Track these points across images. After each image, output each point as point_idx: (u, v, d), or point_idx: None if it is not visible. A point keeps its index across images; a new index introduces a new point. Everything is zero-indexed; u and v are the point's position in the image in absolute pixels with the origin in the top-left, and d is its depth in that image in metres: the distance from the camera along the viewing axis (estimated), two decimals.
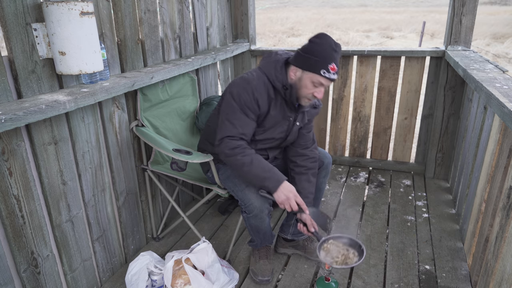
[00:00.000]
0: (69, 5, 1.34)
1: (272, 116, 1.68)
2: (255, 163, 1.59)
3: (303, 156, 1.82)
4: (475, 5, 2.45)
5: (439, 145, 2.79)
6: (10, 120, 1.17)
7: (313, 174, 1.81)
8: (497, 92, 1.41)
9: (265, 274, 1.82)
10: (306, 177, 1.79)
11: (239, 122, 1.61)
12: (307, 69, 1.56)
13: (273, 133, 1.74)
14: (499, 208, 1.50)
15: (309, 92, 1.59)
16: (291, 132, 1.77)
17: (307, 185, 1.78)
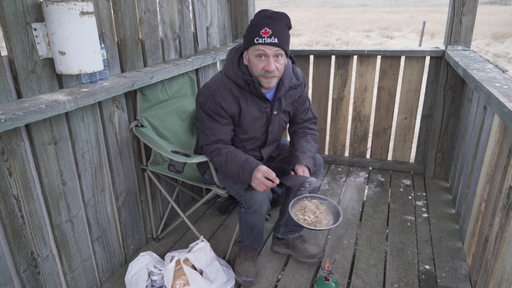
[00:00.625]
0: (69, 5, 1.34)
1: (247, 113, 1.66)
2: (229, 160, 1.61)
3: (302, 128, 1.86)
4: (475, 5, 2.45)
5: (439, 145, 2.79)
6: (10, 120, 1.17)
7: (312, 137, 1.82)
8: (497, 92, 1.41)
9: (249, 275, 1.82)
10: (305, 138, 1.80)
11: (210, 131, 1.65)
12: (246, 45, 1.55)
13: (254, 130, 1.72)
14: (499, 208, 1.50)
15: (260, 68, 1.54)
16: (271, 123, 1.73)
17: (305, 144, 1.77)
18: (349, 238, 2.18)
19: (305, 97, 1.86)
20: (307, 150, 1.74)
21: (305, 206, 1.64)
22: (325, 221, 1.57)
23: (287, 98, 1.73)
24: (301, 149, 1.73)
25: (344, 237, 2.18)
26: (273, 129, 1.77)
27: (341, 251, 2.06)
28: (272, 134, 1.79)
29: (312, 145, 1.79)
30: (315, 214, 1.59)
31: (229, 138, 1.70)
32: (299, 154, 1.70)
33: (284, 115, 1.78)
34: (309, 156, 1.72)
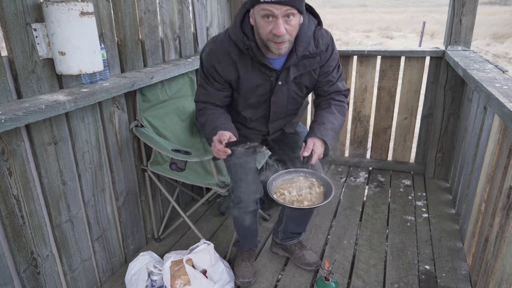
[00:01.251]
0: (69, 5, 1.34)
1: (247, 81, 1.47)
2: (208, 121, 1.48)
3: (327, 99, 1.58)
4: (475, 5, 2.45)
5: (439, 145, 2.79)
6: (10, 120, 1.17)
7: (338, 108, 1.53)
8: (497, 92, 1.41)
9: (246, 276, 1.81)
10: (328, 109, 1.53)
11: (203, 90, 1.54)
12: (252, 4, 1.32)
13: (255, 97, 1.53)
14: (499, 208, 1.50)
15: (267, 32, 1.29)
16: (274, 93, 1.51)
17: (326, 114, 1.50)
18: (349, 238, 2.18)
19: (331, 67, 1.53)
20: (327, 121, 1.46)
21: (296, 181, 1.43)
22: (308, 202, 1.34)
23: (300, 68, 1.47)
24: (320, 119, 1.48)
25: (344, 237, 2.18)
26: (278, 101, 1.54)
27: (341, 251, 2.06)
28: (276, 105, 1.56)
29: (335, 116, 1.50)
30: (300, 192, 1.37)
31: (221, 103, 1.55)
32: (315, 126, 1.46)
33: (295, 87, 1.53)
34: (328, 128, 1.44)
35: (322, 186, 1.41)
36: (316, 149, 1.39)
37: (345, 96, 1.61)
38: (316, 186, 1.41)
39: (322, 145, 1.41)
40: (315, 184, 1.41)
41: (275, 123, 1.65)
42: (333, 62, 1.54)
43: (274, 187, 1.40)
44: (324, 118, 1.48)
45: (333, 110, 1.52)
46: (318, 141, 1.41)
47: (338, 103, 1.56)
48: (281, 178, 1.43)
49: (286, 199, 1.34)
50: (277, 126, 1.66)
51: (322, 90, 1.57)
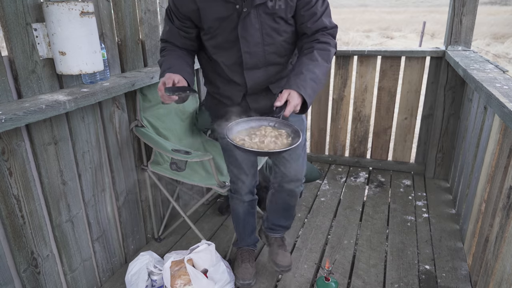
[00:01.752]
0: (69, 5, 1.34)
1: (207, 11, 1.28)
2: (163, 62, 1.36)
3: (310, 42, 1.34)
4: (475, 5, 2.45)
5: (439, 145, 2.79)
6: (10, 120, 1.17)
7: (321, 52, 1.30)
8: (497, 92, 1.41)
9: (246, 277, 1.80)
10: (309, 55, 1.29)
11: (166, 28, 1.41)
12: None
13: (223, 34, 1.32)
14: (499, 208, 1.50)
15: None
16: (241, 24, 1.27)
17: (306, 61, 1.28)
18: (349, 238, 2.18)
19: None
20: (307, 69, 1.24)
21: (263, 130, 1.27)
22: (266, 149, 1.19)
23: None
24: (298, 68, 1.27)
25: (344, 237, 2.18)
26: (247, 36, 1.29)
27: (341, 251, 2.06)
28: (248, 43, 1.31)
29: (317, 64, 1.27)
30: (263, 139, 1.22)
31: (181, 44, 1.40)
32: (291, 76, 1.26)
33: (268, 17, 1.29)
34: (307, 78, 1.22)
35: (291, 138, 1.24)
36: (291, 99, 1.19)
37: (332, 36, 1.36)
38: (284, 137, 1.24)
39: (298, 97, 1.20)
40: (283, 135, 1.24)
41: (253, 73, 1.38)
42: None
43: (236, 132, 1.25)
44: (303, 67, 1.26)
45: (315, 55, 1.28)
46: (295, 93, 1.20)
47: (322, 46, 1.31)
48: (247, 125, 1.28)
49: (245, 145, 1.19)
50: (256, 78, 1.40)
51: (305, 26, 1.33)
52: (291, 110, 1.19)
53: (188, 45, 1.42)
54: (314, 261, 1.99)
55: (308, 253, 2.05)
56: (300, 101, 1.21)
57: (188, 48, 1.43)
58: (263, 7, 1.26)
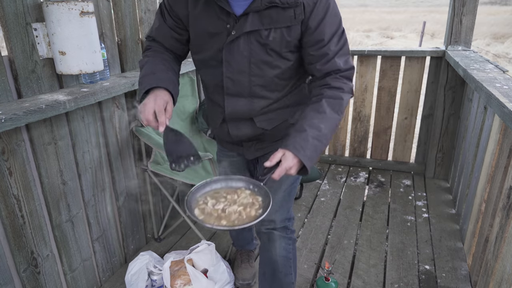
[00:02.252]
0: (69, 5, 1.34)
1: (195, 22, 1.15)
2: (147, 63, 1.17)
3: (320, 87, 1.13)
4: (475, 5, 2.45)
5: (439, 145, 2.79)
6: (10, 120, 1.17)
7: (330, 102, 1.08)
8: (497, 92, 1.41)
9: (246, 277, 1.81)
10: (316, 105, 1.09)
11: (155, 24, 1.23)
12: None
13: (208, 50, 1.16)
14: (499, 208, 1.50)
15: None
16: (226, 47, 1.12)
17: (310, 114, 1.08)
18: (349, 238, 2.18)
19: (326, 34, 1.09)
20: (310, 125, 1.05)
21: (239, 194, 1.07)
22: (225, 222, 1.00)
23: (264, 21, 1.07)
24: (300, 123, 1.07)
25: (344, 237, 2.18)
26: (232, 61, 1.13)
27: (341, 251, 2.06)
28: (231, 68, 1.14)
29: (324, 118, 1.06)
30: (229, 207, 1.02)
31: (169, 45, 1.23)
32: (292, 132, 1.07)
33: (259, 46, 1.11)
34: (309, 136, 1.03)
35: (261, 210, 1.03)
36: (284, 161, 1.01)
37: (347, 79, 1.13)
38: (255, 208, 1.03)
39: (294, 159, 1.01)
40: (256, 205, 1.04)
41: (235, 100, 1.20)
42: (332, 27, 1.09)
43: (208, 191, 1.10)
44: (306, 121, 1.06)
45: (323, 106, 1.08)
46: (290, 154, 1.01)
47: (333, 93, 1.10)
48: (225, 184, 1.12)
49: (205, 210, 1.03)
50: (238, 106, 1.21)
51: (313, 68, 1.13)
52: (281, 173, 1.00)
53: (178, 48, 1.25)
54: (314, 261, 1.99)
55: (308, 253, 2.05)
56: (296, 164, 1.02)
57: (176, 52, 1.26)
58: (255, 34, 1.09)
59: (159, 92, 1.08)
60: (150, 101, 1.05)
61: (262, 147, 1.34)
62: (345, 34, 1.13)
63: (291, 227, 1.45)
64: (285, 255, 1.45)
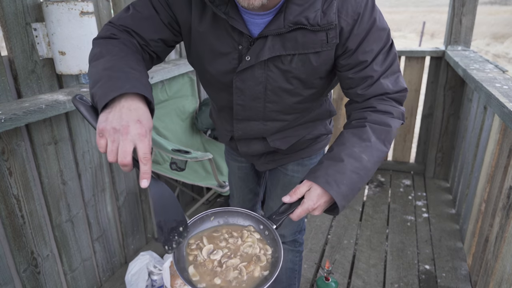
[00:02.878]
0: (69, 5, 1.34)
1: (199, 38, 0.92)
2: (109, 56, 0.81)
3: (362, 110, 0.91)
4: (475, 5, 2.46)
5: (439, 145, 2.79)
6: (10, 120, 1.17)
7: (375, 128, 0.86)
8: (497, 92, 1.41)
9: None
10: (359, 130, 0.87)
11: (131, 11, 0.90)
12: None
13: (214, 72, 0.95)
14: (499, 208, 1.50)
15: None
16: (238, 74, 0.92)
17: (351, 139, 0.85)
18: (349, 238, 2.18)
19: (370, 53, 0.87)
20: (349, 156, 0.82)
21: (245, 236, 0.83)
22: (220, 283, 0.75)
23: (287, 45, 0.86)
24: (336, 150, 0.85)
25: (344, 237, 2.18)
26: (245, 88, 0.95)
27: (341, 251, 2.06)
28: (243, 96, 0.96)
29: (367, 147, 0.84)
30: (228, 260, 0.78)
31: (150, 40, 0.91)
32: (324, 161, 0.85)
33: (279, 73, 0.91)
34: (346, 169, 0.81)
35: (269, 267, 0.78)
36: (308, 198, 0.80)
37: (398, 102, 0.92)
38: (262, 265, 0.78)
39: (322, 197, 0.80)
40: (263, 261, 0.79)
41: (245, 124, 1.05)
42: (375, 44, 0.87)
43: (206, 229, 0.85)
44: (345, 149, 0.84)
45: (367, 132, 0.85)
46: (319, 189, 0.80)
47: (379, 117, 0.87)
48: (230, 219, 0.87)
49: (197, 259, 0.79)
50: (248, 129, 1.06)
51: (354, 92, 0.92)
52: (302, 215, 0.80)
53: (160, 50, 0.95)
54: (314, 261, 1.99)
55: (308, 253, 2.05)
56: (324, 203, 0.80)
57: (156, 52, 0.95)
58: (275, 60, 0.89)
59: (139, 109, 0.71)
60: (131, 125, 0.68)
61: (274, 159, 1.18)
62: (393, 48, 0.90)
63: (301, 239, 1.35)
64: (292, 267, 1.38)
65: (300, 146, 1.15)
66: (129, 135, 0.67)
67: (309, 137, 1.13)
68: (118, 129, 0.67)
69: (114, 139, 0.67)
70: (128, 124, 0.68)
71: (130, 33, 0.89)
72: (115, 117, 0.68)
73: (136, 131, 0.68)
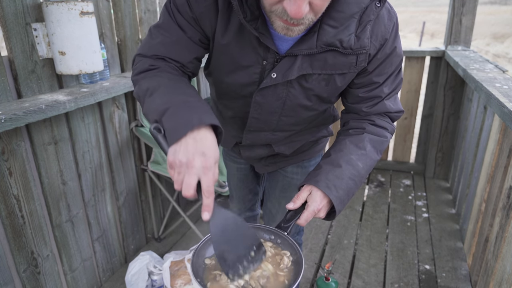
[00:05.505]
0: (69, 5, 1.34)
1: (222, 48, 0.90)
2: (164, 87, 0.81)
3: (361, 121, 0.98)
4: (475, 5, 2.46)
5: (439, 145, 2.79)
6: (10, 120, 1.17)
7: (373, 140, 0.93)
8: (497, 92, 1.41)
9: None
10: (356, 138, 0.93)
11: (159, 38, 0.88)
12: None
13: (235, 83, 0.94)
14: (499, 208, 1.50)
15: (269, 3, 0.73)
16: (261, 89, 0.91)
17: (349, 147, 0.91)
18: (349, 238, 2.18)
19: (385, 76, 0.92)
20: (347, 162, 0.88)
21: None
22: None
23: (315, 65, 0.86)
24: (335, 156, 0.90)
25: (344, 237, 2.18)
26: (264, 103, 0.95)
27: (341, 251, 2.06)
28: (260, 110, 0.97)
29: (363, 156, 0.90)
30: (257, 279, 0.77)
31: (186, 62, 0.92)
32: (323, 165, 0.89)
33: (300, 91, 0.92)
34: (346, 175, 0.86)
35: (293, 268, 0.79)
36: (311, 202, 0.84)
37: (393, 120, 1.00)
38: (284, 266, 0.80)
39: (323, 200, 0.84)
40: (285, 262, 0.80)
41: (255, 135, 1.07)
42: (390, 68, 0.92)
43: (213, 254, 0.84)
44: (343, 155, 0.89)
45: (364, 142, 0.92)
46: (319, 193, 0.84)
47: (376, 130, 0.95)
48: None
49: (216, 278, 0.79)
50: (257, 139, 1.09)
51: (358, 108, 0.97)
52: (309, 218, 0.83)
53: (196, 68, 0.96)
54: (314, 261, 1.99)
55: (308, 253, 2.05)
56: (325, 206, 0.85)
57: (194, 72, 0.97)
58: (300, 78, 0.89)
59: (205, 139, 0.72)
60: (196, 159, 0.69)
61: (275, 161, 1.19)
62: (401, 72, 0.97)
63: (300, 240, 1.35)
64: None
65: (302, 148, 1.16)
66: (194, 168, 0.69)
67: (311, 139, 1.15)
68: (184, 162, 0.70)
69: (180, 171, 0.70)
70: (193, 158, 0.69)
71: (166, 60, 0.89)
72: (181, 150, 0.70)
73: (200, 165, 0.70)
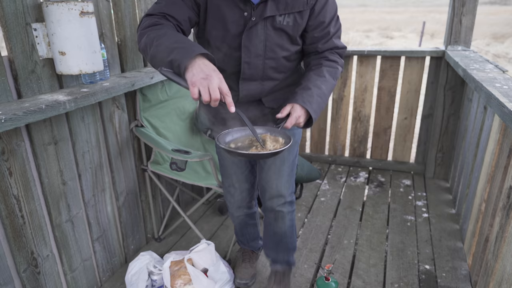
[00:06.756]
0: (69, 5, 1.34)
1: (214, 9, 1.22)
2: (169, 35, 1.10)
3: (318, 59, 1.34)
4: (475, 5, 2.46)
5: (439, 145, 2.79)
6: (10, 120, 1.17)
7: (329, 70, 1.30)
8: (497, 92, 1.41)
9: (243, 277, 1.80)
10: (317, 71, 1.30)
11: (164, 1, 1.20)
12: None
13: (226, 38, 1.25)
14: (499, 208, 1.50)
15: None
16: (248, 36, 1.23)
17: (314, 77, 1.28)
18: (349, 238, 2.18)
19: (328, 18, 1.29)
20: (314, 85, 1.25)
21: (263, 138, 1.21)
22: None
23: (280, 7, 1.21)
24: (305, 83, 1.27)
25: (344, 237, 2.18)
26: (251, 46, 1.25)
27: (341, 251, 2.06)
28: (250, 53, 1.26)
29: (324, 80, 1.27)
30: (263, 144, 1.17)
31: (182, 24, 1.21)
32: (298, 91, 1.25)
33: (274, 31, 1.25)
34: (314, 94, 1.23)
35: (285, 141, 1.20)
36: (293, 112, 1.20)
37: (340, 56, 1.36)
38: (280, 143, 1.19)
39: (301, 110, 1.21)
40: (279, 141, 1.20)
41: (248, 84, 1.33)
42: (331, 12, 1.29)
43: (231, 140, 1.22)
44: (310, 82, 1.26)
45: (323, 72, 1.29)
46: (299, 106, 1.21)
47: (330, 63, 1.31)
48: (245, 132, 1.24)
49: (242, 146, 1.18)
50: (251, 89, 1.35)
51: (316, 46, 1.33)
52: (293, 122, 1.19)
53: (188, 30, 1.24)
54: (314, 261, 1.99)
55: (308, 253, 2.05)
56: (303, 115, 1.21)
57: (186, 33, 1.23)
58: (271, 20, 1.22)
59: (209, 64, 1.02)
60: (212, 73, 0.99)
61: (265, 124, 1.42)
62: (339, 18, 1.34)
63: (293, 197, 1.60)
64: (291, 225, 1.64)
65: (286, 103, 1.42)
66: (213, 79, 0.98)
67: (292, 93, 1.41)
68: (205, 77, 0.98)
69: (204, 85, 0.97)
70: (210, 73, 0.99)
71: (167, 18, 1.17)
72: (198, 71, 0.99)
73: (217, 76, 1.00)
